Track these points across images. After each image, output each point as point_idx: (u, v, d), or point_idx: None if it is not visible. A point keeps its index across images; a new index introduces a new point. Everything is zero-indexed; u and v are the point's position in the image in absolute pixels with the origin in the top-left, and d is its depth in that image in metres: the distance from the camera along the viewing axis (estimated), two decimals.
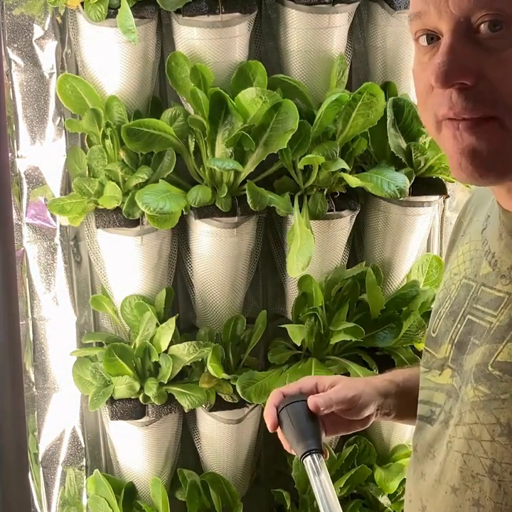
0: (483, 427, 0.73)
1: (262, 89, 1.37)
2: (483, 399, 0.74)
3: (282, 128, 1.41)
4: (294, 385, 1.04)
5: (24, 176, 1.50)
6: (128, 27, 1.34)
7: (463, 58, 0.67)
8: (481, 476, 0.74)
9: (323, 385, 1.03)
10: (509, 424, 0.72)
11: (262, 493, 1.79)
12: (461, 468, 0.76)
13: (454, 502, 0.78)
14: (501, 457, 0.72)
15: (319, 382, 1.03)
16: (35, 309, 1.57)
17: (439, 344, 0.82)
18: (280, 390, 1.01)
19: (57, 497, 1.67)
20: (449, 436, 0.78)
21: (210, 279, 1.57)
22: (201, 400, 1.56)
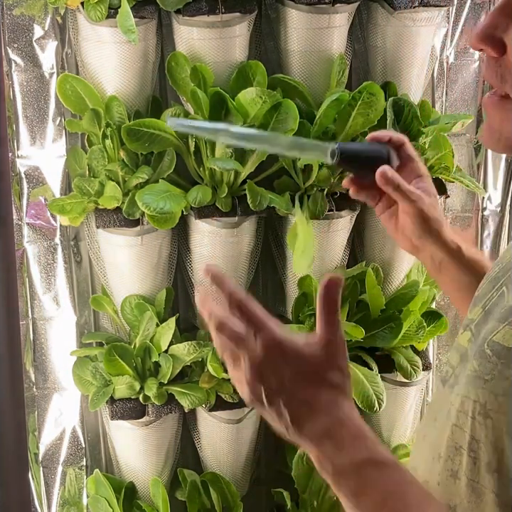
0: (470, 402, 0.74)
1: (262, 89, 1.37)
2: (473, 374, 0.75)
3: (282, 128, 1.41)
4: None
5: (24, 175, 1.50)
6: (128, 27, 1.34)
7: (496, 29, 0.72)
8: (462, 449, 0.75)
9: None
10: (485, 405, 0.72)
11: (262, 492, 1.80)
12: (448, 438, 0.77)
13: (436, 469, 0.79)
14: (479, 435, 0.73)
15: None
16: (35, 309, 1.58)
17: (475, 305, 0.82)
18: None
19: (57, 497, 1.67)
20: (450, 403, 0.78)
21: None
22: (201, 400, 1.56)
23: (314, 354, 0.80)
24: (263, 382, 0.80)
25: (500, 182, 1.71)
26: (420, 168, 1.18)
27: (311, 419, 0.79)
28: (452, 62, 1.63)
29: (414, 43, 1.51)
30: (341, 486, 0.81)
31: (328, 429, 0.79)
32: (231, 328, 0.80)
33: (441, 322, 1.65)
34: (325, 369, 0.81)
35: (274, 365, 0.80)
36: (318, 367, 0.80)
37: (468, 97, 1.65)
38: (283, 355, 0.80)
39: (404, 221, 1.16)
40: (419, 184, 1.17)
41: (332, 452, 0.79)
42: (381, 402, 1.55)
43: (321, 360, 0.81)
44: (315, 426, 0.79)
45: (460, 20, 1.60)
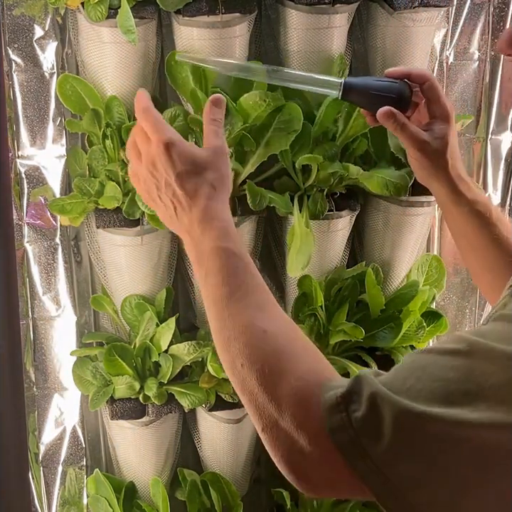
0: None
1: (266, 92, 1.36)
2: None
3: (285, 129, 1.41)
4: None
5: (24, 176, 1.50)
6: (128, 27, 1.34)
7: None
8: None
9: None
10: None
11: (262, 492, 1.80)
12: None
13: None
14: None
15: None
16: (35, 309, 1.58)
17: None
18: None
19: (57, 496, 1.67)
20: None
21: None
22: (201, 400, 1.56)
23: (201, 156, 1.00)
24: (156, 175, 1.00)
25: (500, 182, 1.71)
26: (442, 109, 1.16)
27: (188, 210, 0.97)
28: (452, 62, 1.63)
29: (414, 44, 1.51)
30: (201, 268, 0.95)
31: (202, 218, 0.96)
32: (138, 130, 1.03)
33: (441, 322, 1.65)
34: (208, 170, 0.99)
35: (164, 161, 0.99)
36: (204, 167, 0.99)
37: (468, 97, 1.66)
38: (174, 153, 0.99)
39: (410, 161, 1.18)
40: (434, 126, 1.15)
41: (198, 238, 0.96)
42: None
43: (206, 162, 1.00)
44: (190, 215, 0.97)
45: (460, 20, 1.60)
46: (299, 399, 0.79)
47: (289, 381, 0.81)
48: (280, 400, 0.80)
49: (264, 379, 0.83)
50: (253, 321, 0.87)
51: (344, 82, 1.19)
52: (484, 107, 1.67)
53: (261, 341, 0.85)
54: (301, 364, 0.83)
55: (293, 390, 0.80)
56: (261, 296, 0.92)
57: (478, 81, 1.65)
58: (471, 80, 1.65)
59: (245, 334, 0.86)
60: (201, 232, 0.96)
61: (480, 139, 1.68)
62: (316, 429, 0.76)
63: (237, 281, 0.91)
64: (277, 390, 0.81)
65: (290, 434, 0.79)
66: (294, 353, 0.85)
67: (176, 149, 0.99)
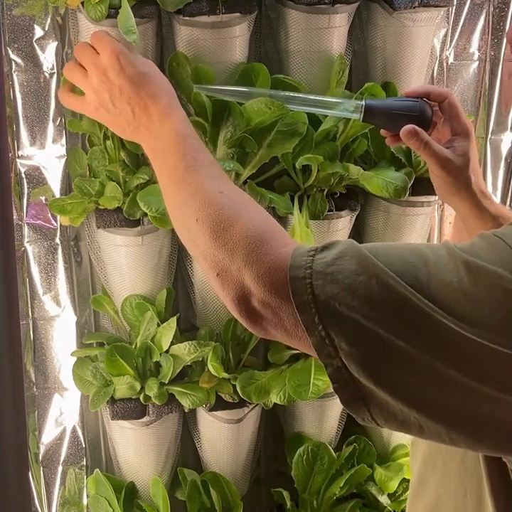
0: None
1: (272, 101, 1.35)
2: None
3: (288, 132, 1.41)
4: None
5: (24, 176, 1.50)
6: (129, 27, 1.33)
7: None
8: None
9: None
10: None
11: (262, 492, 1.80)
12: None
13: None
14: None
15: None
16: (35, 309, 1.58)
17: None
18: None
19: (57, 496, 1.67)
20: None
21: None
22: (202, 400, 1.57)
23: (150, 65, 1.17)
24: (108, 83, 1.10)
25: (500, 182, 1.71)
26: (462, 126, 1.16)
27: (147, 109, 1.08)
28: (452, 62, 1.63)
29: (414, 44, 1.51)
30: (157, 152, 1.05)
31: (161, 113, 1.07)
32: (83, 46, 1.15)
33: None
34: (155, 74, 1.14)
35: (116, 69, 1.10)
36: (151, 73, 1.14)
37: (468, 97, 1.66)
38: (125, 61, 1.11)
39: (432, 179, 1.18)
40: (455, 143, 1.16)
41: (157, 130, 1.05)
42: None
43: (156, 72, 1.15)
44: (150, 113, 1.08)
45: (460, 20, 1.61)
46: (258, 240, 0.82)
47: (246, 226, 0.84)
48: (235, 242, 0.83)
49: (220, 226, 0.85)
50: (209, 185, 0.93)
51: (365, 104, 1.20)
52: (484, 106, 1.67)
53: (217, 199, 0.90)
54: (259, 217, 0.86)
55: (250, 234, 0.83)
56: (217, 169, 0.99)
57: (478, 81, 1.66)
58: (471, 80, 1.65)
59: (201, 194, 0.91)
60: (161, 124, 1.06)
61: (480, 138, 1.69)
62: (273, 266, 0.78)
63: (194, 156, 0.99)
64: (233, 233, 0.84)
65: (242, 273, 0.81)
66: (251, 208, 0.89)
67: (127, 57, 1.12)
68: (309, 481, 1.67)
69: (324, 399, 1.63)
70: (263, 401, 1.58)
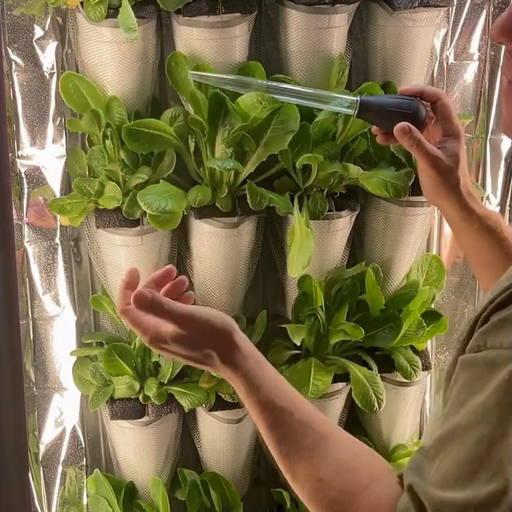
0: None
1: (262, 95, 1.36)
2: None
3: (283, 129, 1.41)
4: None
5: (24, 176, 1.50)
6: (129, 25, 1.33)
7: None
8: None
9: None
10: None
11: (261, 492, 1.80)
12: None
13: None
14: None
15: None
16: (35, 309, 1.58)
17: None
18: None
19: (57, 496, 1.67)
20: None
21: (210, 279, 1.57)
22: (201, 400, 1.57)
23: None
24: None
25: (499, 182, 1.71)
26: (453, 127, 1.16)
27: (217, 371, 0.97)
28: (452, 62, 1.63)
29: (414, 44, 1.51)
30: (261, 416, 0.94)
31: (228, 378, 0.97)
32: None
33: (440, 322, 1.66)
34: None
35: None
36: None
37: (468, 97, 1.66)
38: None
39: (421, 178, 1.18)
40: (446, 144, 1.16)
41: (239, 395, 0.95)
42: (381, 402, 1.56)
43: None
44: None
45: (460, 20, 1.60)
46: None
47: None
48: None
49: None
50: (307, 470, 0.87)
51: (360, 100, 1.20)
52: (484, 106, 1.67)
53: (320, 491, 0.85)
54: (362, 501, 0.82)
55: None
56: (306, 436, 0.89)
57: (478, 81, 1.66)
58: (471, 79, 1.65)
59: (305, 486, 0.87)
60: (235, 386, 0.97)
61: (480, 138, 1.68)
62: None
63: (280, 431, 0.91)
64: None
65: None
66: (352, 491, 0.83)
67: (164, 344, 0.99)
68: None
69: (324, 399, 1.62)
70: None
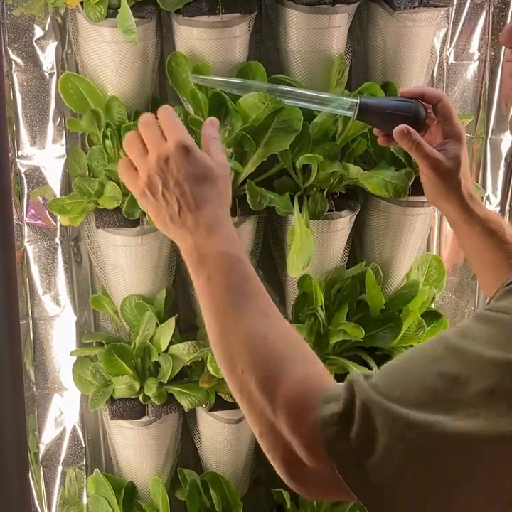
0: None
1: (264, 95, 1.36)
2: None
3: (285, 129, 1.41)
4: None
5: (24, 176, 1.50)
6: (128, 27, 1.33)
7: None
8: None
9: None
10: None
11: (262, 492, 1.80)
12: None
13: None
14: None
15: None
16: (35, 309, 1.58)
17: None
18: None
19: (57, 496, 1.67)
20: None
21: None
22: (201, 400, 1.56)
23: (214, 166, 1.01)
24: (165, 172, 0.99)
25: (499, 182, 1.71)
26: (454, 129, 1.16)
27: (196, 212, 0.97)
28: (452, 62, 1.63)
29: (414, 44, 1.51)
30: (201, 271, 0.98)
31: (211, 223, 0.97)
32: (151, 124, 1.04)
33: (440, 322, 1.66)
34: (220, 181, 1.00)
35: (178, 161, 0.99)
36: (216, 177, 1.00)
37: (468, 98, 1.66)
38: (191, 156, 0.99)
39: (422, 181, 1.18)
40: (447, 146, 1.16)
41: (203, 241, 0.97)
42: None
43: (219, 174, 1.01)
44: (197, 217, 0.97)
45: (460, 20, 1.60)
46: (295, 406, 0.81)
47: (286, 388, 0.82)
48: (277, 406, 0.81)
49: (263, 385, 0.84)
50: (254, 328, 0.89)
51: (360, 102, 1.20)
52: (484, 106, 1.67)
53: (261, 348, 0.87)
54: (299, 370, 0.84)
55: (289, 397, 0.81)
56: (263, 302, 0.93)
57: (478, 81, 1.66)
58: (471, 79, 1.65)
59: (246, 341, 0.88)
60: (207, 235, 0.97)
61: (480, 138, 1.68)
62: (311, 437, 0.77)
63: (241, 288, 0.93)
64: (274, 396, 0.82)
65: (286, 440, 0.80)
66: (292, 359, 0.86)
67: (194, 153, 1.00)
68: None
69: None
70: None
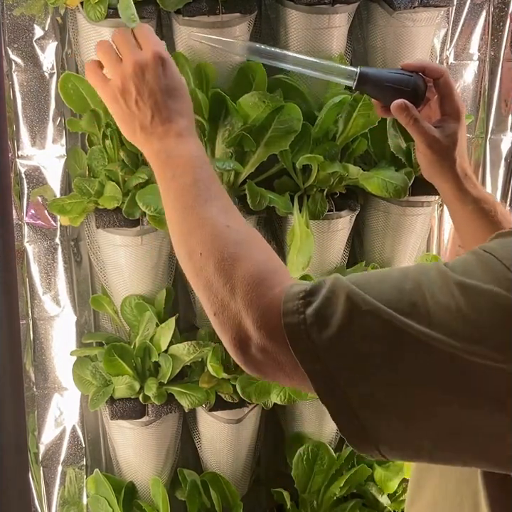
0: None
1: (265, 93, 1.36)
2: None
3: (284, 129, 1.41)
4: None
5: (24, 176, 1.50)
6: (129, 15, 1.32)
7: None
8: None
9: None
10: None
11: (262, 492, 1.80)
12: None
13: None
14: None
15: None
16: (35, 309, 1.58)
17: None
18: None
19: (57, 496, 1.67)
20: None
21: None
22: (201, 400, 1.56)
23: (183, 80, 1.05)
24: (141, 80, 1.01)
25: (500, 182, 1.71)
26: (454, 106, 1.16)
27: (167, 123, 1.00)
28: (452, 62, 1.63)
29: (414, 43, 1.51)
30: (167, 170, 1.00)
31: (182, 132, 1.00)
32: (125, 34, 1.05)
33: None
34: (187, 93, 1.04)
35: (155, 70, 1.01)
36: (184, 89, 1.04)
37: (468, 97, 1.66)
38: (167, 69, 1.02)
39: (418, 157, 1.18)
40: (445, 123, 1.16)
41: (172, 146, 0.99)
42: None
43: (185, 86, 1.04)
44: (168, 128, 1.00)
45: (460, 20, 1.60)
46: (255, 280, 0.81)
47: (246, 265, 0.83)
48: (235, 282, 0.82)
49: (222, 263, 0.85)
50: (217, 217, 0.91)
51: (360, 72, 1.19)
52: (484, 106, 1.67)
53: (223, 233, 0.88)
54: (260, 255, 0.86)
55: (249, 273, 0.82)
56: (227, 201, 0.95)
57: (478, 81, 1.66)
58: (470, 79, 1.65)
59: (208, 226, 0.89)
60: (177, 142, 1.00)
61: (479, 138, 1.69)
62: (269, 310, 0.78)
63: (207, 185, 0.95)
64: (234, 272, 0.83)
65: (240, 320, 0.80)
66: (254, 245, 0.88)
67: (169, 65, 1.03)
68: (309, 481, 1.67)
69: None
70: (263, 401, 1.58)
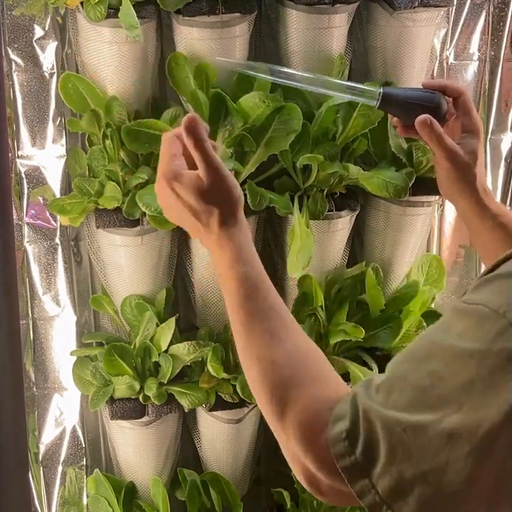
0: None
1: (265, 93, 1.36)
2: None
3: (285, 129, 1.41)
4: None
5: (24, 176, 1.50)
6: (131, 23, 1.33)
7: None
8: None
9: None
10: None
11: (262, 492, 1.80)
12: None
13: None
14: None
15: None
16: (35, 309, 1.58)
17: None
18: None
19: (57, 496, 1.67)
20: None
21: (210, 278, 1.57)
22: (201, 400, 1.56)
23: (203, 185, 0.98)
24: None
25: (500, 182, 1.72)
26: (473, 124, 1.18)
27: (208, 235, 0.98)
28: (452, 62, 1.63)
29: (414, 44, 1.51)
30: (223, 288, 0.97)
31: (217, 243, 0.97)
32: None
33: None
34: (213, 195, 0.98)
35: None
36: (209, 194, 0.98)
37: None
38: (177, 188, 0.98)
39: (437, 173, 1.18)
40: (465, 140, 1.17)
41: (218, 259, 0.98)
42: None
43: (208, 190, 0.98)
44: (210, 239, 0.98)
45: (460, 20, 1.61)
46: (304, 431, 0.83)
47: (293, 413, 0.84)
48: (287, 430, 0.84)
49: (272, 409, 0.86)
50: (263, 350, 0.91)
51: (383, 92, 1.20)
52: (484, 106, 1.67)
53: (269, 372, 0.89)
54: (305, 392, 0.86)
55: (298, 422, 0.84)
56: (273, 321, 0.93)
57: (478, 81, 1.66)
58: (470, 80, 1.65)
59: (256, 365, 0.90)
60: (219, 255, 0.98)
61: None
62: (323, 456, 0.80)
63: (250, 308, 0.93)
64: (283, 421, 0.85)
65: (300, 459, 0.83)
66: (298, 380, 0.88)
67: (179, 184, 0.98)
68: None
69: None
70: None
